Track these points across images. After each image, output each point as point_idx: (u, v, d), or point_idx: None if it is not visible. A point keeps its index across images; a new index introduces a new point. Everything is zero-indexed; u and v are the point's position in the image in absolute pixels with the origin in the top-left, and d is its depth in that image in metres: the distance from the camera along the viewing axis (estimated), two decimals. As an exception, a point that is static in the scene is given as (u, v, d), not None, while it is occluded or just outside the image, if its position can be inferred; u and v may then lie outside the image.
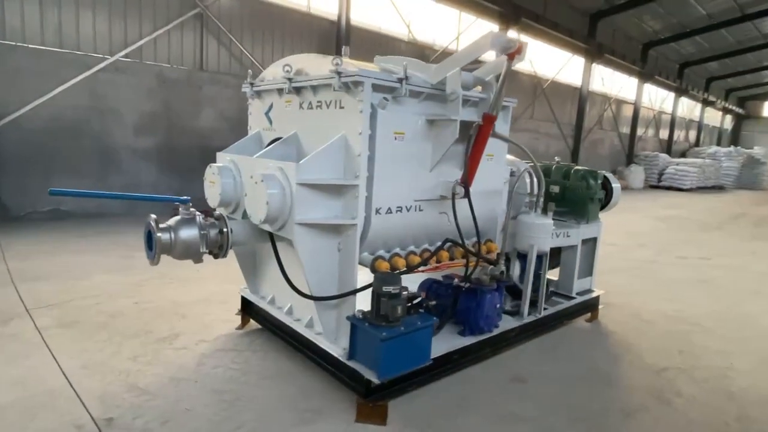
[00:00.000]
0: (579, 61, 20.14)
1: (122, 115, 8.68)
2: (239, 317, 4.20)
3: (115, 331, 3.98)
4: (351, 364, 2.99)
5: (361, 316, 2.95)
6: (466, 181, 3.19)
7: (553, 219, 3.94)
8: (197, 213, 3.02)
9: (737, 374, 3.89)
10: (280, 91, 3.52)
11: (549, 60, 18.89)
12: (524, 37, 17.29)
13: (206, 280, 5.39)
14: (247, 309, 4.14)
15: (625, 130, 25.59)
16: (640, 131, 26.32)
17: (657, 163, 23.89)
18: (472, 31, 15.15)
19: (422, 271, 3.32)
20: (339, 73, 2.86)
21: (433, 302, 3.23)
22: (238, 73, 10.13)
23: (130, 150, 8.85)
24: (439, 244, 3.40)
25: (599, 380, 3.69)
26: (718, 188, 24.71)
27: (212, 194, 3.44)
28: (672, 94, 28.66)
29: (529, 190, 4.15)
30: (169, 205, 3.25)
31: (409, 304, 2.99)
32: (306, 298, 3.08)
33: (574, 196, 4.64)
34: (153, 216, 2.93)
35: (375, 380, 2.82)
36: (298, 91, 3.34)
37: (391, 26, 13.11)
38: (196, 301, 4.76)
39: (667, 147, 29.46)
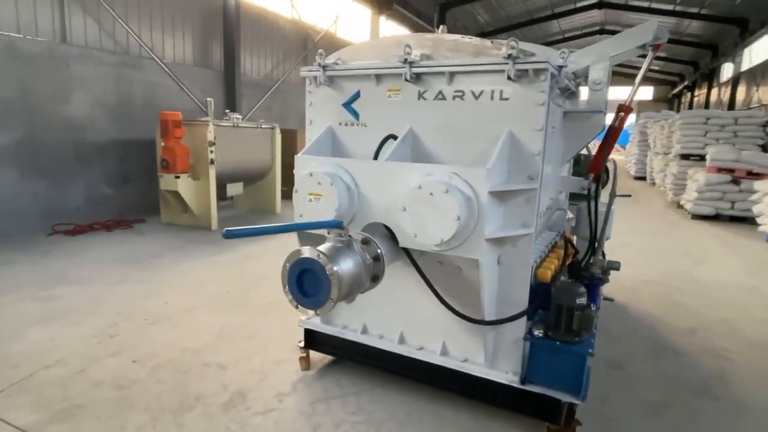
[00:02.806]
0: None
1: (-39, 103, 6.28)
2: (294, 357, 3.43)
3: (150, 408, 2.88)
4: (530, 388, 2.67)
5: (542, 335, 2.64)
6: (598, 176, 3.07)
7: (572, 201, 4.05)
8: (353, 238, 2.29)
9: (739, 324, 4.58)
10: (378, 77, 2.88)
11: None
12: (391, 23, 17.65)
13: (190, 313, 4.30)
14: (311, 343, 3.41)
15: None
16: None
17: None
18: (348, 14, 14.80)
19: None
20: (515, 59, 2.44)
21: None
22: (113, 50, 8.16)
23: (-25, 150, 6.48)
24: (556, 240, 3.24)
25: (664, 351, 3.98)
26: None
27: (320, 210, 2.67)
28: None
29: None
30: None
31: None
32: (478, 324, 2.62)
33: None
34: (308, 248, 2.10)
35: (577, 401, 2.56)
36: (417, 78, 2.76)
37: (276, 4, 12.05)
38: (210, 344, 3.74)
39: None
